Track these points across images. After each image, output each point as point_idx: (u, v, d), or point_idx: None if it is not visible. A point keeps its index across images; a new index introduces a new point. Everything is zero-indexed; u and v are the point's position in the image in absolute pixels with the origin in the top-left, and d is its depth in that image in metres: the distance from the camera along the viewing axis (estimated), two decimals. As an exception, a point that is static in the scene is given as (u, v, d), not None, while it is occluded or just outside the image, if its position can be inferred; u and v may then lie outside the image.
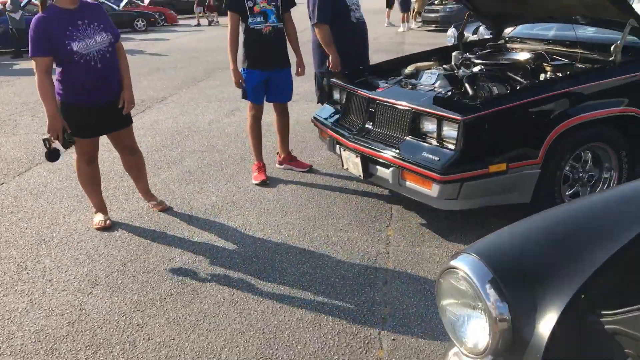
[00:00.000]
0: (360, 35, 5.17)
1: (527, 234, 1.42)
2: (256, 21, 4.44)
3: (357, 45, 5.22)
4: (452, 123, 3.30)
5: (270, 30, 4.48)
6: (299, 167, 5.01)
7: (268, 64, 4.57)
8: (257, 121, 4.79)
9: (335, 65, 4.94)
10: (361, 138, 3.85)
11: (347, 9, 5.00)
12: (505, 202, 3.49)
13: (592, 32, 4.32)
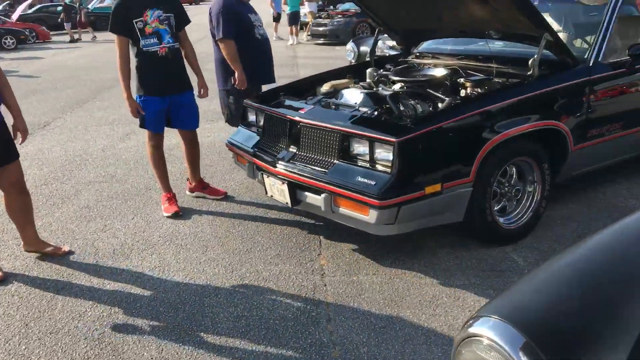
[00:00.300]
0: (265, 52, 5.05)
1: (554, 288, 1.26)
2: (149, 43, 4.06)
3: (262, 62, 5.08)
4: (385, 145, 3.16)
5: (167, 52, 4.12)
6: (213, 195, 4.67)
7: (167, 89, 4.21)
8: (158, 150, 4.42)
9: (241, 82, 4.77)
10: (286, 163, 3.62)
11: (252, 25, 4.88)
12: (439, 222, 3.41)
13: (501, 46, 4.40)
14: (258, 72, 4.99)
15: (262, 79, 5.09)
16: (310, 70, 11.77)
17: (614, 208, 4.08)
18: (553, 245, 3.60)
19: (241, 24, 4.78)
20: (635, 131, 4.11)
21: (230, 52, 4.71)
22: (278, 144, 3.83)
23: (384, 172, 3.16)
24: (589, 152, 3.88)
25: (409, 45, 4.93)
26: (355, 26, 16.13)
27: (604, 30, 3.90)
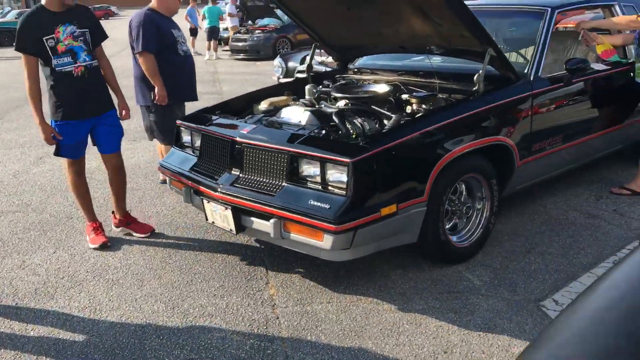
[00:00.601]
0: (188, 69, 4.86)
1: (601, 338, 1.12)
2: (63, 62, 3.66)
3: (185, 79, 4.88)
4: (339, 166, 2.99)
5: (83, 71, 3.72)
6: (139, 232, 4.17)
7: (87, 111, 3.82)
8: (80, 177, 4.03)
9: (161, 97, 4.57)
10: (229, 187, 3.37)
11: (175, 40, 4.69)
12: (394, 244, 3.27)
13: (439, 61, 4.37)
14: (180, 90, 4.80)
15: (185, 96, 4.90)
16: (234, 86, 11.52)
17: (556, 221, 4.11)
18: (505, 262, 3.55)
19: (163, 39, 4.62)
20: (575, 143, 4.17)
21: (150, 66, 4.52)
22: (218, 167, 3.57)
23: (338, 195, 2.99)
24: (533, 166, 3.89)
25: (346, 61, 4.81)
26: (276, 41, 16.00)
27: (541, 45, 3.94)
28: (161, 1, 4.78)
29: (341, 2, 3.89)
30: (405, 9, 3.61)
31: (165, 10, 4.80)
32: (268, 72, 13.36)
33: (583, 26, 4.33)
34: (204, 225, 4.28)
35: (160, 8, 4.77)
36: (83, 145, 3.93)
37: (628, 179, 4.80)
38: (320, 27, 4.44)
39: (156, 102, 4.62)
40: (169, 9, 4.83)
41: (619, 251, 3.61)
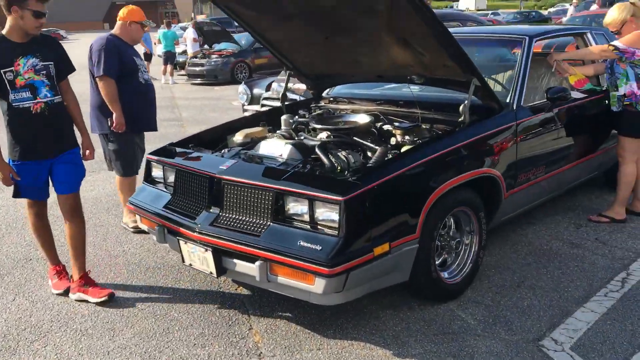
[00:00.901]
0: (149, 98, 4.71)
1: None
2: (21, 98, 3.31)
3: (146, 108, 4.74)
4: (330, 204, 2.82)
5: (43, 108, 3.36)
6: (95, 296, 3.56)
7: (46, 151, 3.47)
8: (41, 219, 3.68)
9: (119, 125, 4.40)
10: (209, 227, 3.15)
11: (136, 68, 4.56)
12: (386, 284, 3.12)
13: (417, 90, 4.27)
14: (140, 119, 4.64)
15: (144, 126, 4.73)
16: (193, 111, 11.27)
17: (541, 251, 4.04)
18: (496, 298, 3.44)
19: (125, 65, 4.49)
20: (557, 172, 4.14)
21: (110, 91, 4.37)
22: (195, 205, 3.35)
23: (329, 235, 2.82)
24: (519, 196, 3.83)
25: (320, 90, 4.67)
26: (234, 66, 15.81)
27: (522, 74, 3.90)
28: (124, 29, 4.67)
29: (320, 31, 3.76)
30: (387, 38, 3.51)
31: (128, 38, 4.69)
32: (227, 97, 13.19)
33: (556, 58, 4.33)
34: (176, 265, 4.03)
35: (123, 35, 4.66)
36: (44, 186, 3.57)
37: (602, 206, 4.81)
38: (295, 56, 4.29)
39: (113, 129, 4.44)
40: (132, 38, 4.73)
41: (608, 283, 3.56)
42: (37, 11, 3.23)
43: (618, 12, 4.21)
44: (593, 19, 12.08)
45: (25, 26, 3.26)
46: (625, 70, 4.18)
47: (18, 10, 3.20)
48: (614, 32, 4.31)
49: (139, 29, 4.72)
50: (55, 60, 3.43)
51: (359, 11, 3.34)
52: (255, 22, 3.98)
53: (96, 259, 4.20)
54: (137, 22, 4.66)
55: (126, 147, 4.57)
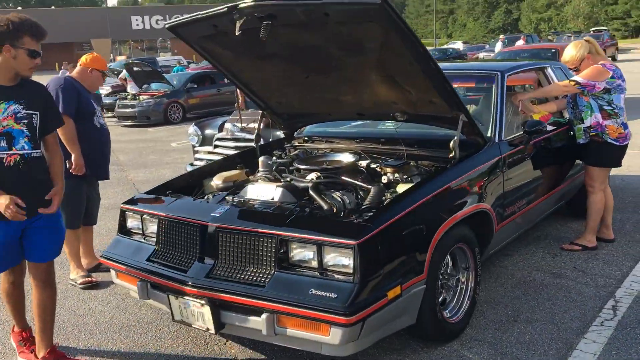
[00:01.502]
0: (104, 142, 4.53)
1: None
2: None
3: (100, 154, 4.52)
4: (341, 249, 2.69)
5: (18, 161, 2.93)
6: None
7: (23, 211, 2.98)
8: (18, 287, 3.26)
9: (78, 167, 4.18)
10: (204, 279, 2.93)
11: (93, 111, 4.40)
12: (396, 329, 3.00)
13: (392, 127, 4.25)
14: (95, 165, 4.41)
15: (95, 172, 4.48)
16: (131, 155, 10.84)
17: (526, 283, 4.05)
18: (497, 334, 3.38)
19: (83, 106, 4.32)
20: (537, 203, 4.21)
21: (69, 131, 4.14)
22: (184, 256, 3.12)
23: (342, 281, 2.68)
24: (506, 229, 3.85)
25: (293, 130, 4.56)
26: (167, 107, 15.45)
27: (499, 108, 3.96)
28: (85, 74, 4.51)
29: (300, 70, 3.68)
30: (374, 76, 3.47)
31: (88, 84, 4.52)
32: (163, 138, 12.83)
33: (521, 98, 4.40)
34: (153, 322, 3.74)
35: (82, 80, 4.49)
36: (14, 250, 3.06)
37: (569, 233, 4.93)
38: (270, 96, 4.18)
39: (72, 171, 4.17)
40: (91, 84, 4.56)
41: (600, 312, 3.59)
42: (33, 50, 2.90)
43: (576, 50, 4.38)
44: (518, 54, 12.73)
45: (18, 67, 2.90)
46: (588, 102, 4.33)
47: (11, 49, 2.85)
48: (573, 69, 4.48)
49: (100, 77, 4.61)
50: (42, 111, 3.04)
51: (347, 49, 3.28)
52: (231, 62, 3.85)
53: (60, 321, 3.83)
54: (98, 70, 4.53)
55: (72, 195, 4.18)
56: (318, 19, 2.99)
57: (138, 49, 62.63)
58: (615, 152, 4.39)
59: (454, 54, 34.69)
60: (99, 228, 5.87)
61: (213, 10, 3.22)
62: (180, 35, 3.63)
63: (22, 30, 2.87)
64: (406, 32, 2.90)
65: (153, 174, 8.89)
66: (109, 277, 4.35)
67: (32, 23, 2.92)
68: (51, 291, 3.23)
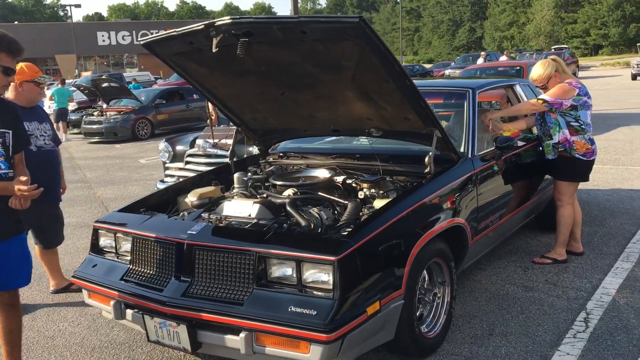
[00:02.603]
0: (42, 167, 4.09)
1: None
2: None
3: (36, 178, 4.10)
4: (321, 265, 2.69)
5: None
6: None
7: None
8: None
9: None
10: (180, 298, 2.89)
11: None
12: (374, 345, 2.99)
13: (366, 142, 4.28)
14: None
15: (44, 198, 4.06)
16: (99, 172, 10.66)
17: (499, 297, 4.10)
18: (473, 349, 3.41)
19: None
20: (511, 216, 4.28)
21: None
22: (159, 275, 3.07)
23: (321, 297, 2.67)
24: (479, 244, 3.89)
25: (268, 146, 4.55)
26: (135, 123, 15.26)
27: (471, 124, 4.03)
28: (16, 92, 4.17)
29: (276, 87, 3.68)
30: (349, 93, 3.49)
31: (23, 100, 4.17)
32: (131, 155, 12.67)
33: (490, 117, 4.47)
34: (126, 342, 3.66)
35: (17, 99, 4.10)
36: None
37: (540, 247, 5.02)
38: (244, 112, 4.17)
39: None
40: (27, 99, 4.22)
41: (573, 324, 3.65)
42: (8, 67, 2.83)
43: (543, 68, 4.48)
44: (484, 71, 13.01)
45: None
46: (556, 119, 4.44)
47: None
48: (540, 87, 4.58)
49: (33, 88, 4.23)
50: (13, 130, 2.94)
51: (323, 66, 3.30)
52: (206, 78, 3.83)
53: (29, 343, 3.72)
54: (29, 81, 4.18)
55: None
56: (295, 37, 3.00)
57: (104, 64, 61.93)
58: (583, 166, 4.50)
59: (420, 70, 35.28)
60: (67, 247, 5.75)
61: (189, 28, 3.20)
62: (155, 51, 3.60)
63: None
64: (382, 49, 2.94)
65: (122, 191, 8.75)
66: (79, 298, 4.28)
67: (10, 39, 2.83)
68: (16, 313, 3.12)
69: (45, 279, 4.82)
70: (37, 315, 4.19)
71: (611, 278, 4.32)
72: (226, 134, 6.50)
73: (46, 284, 4.74)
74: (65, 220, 4.76)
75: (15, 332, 3.11)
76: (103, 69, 56.25)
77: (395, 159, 3.89)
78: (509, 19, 64.63)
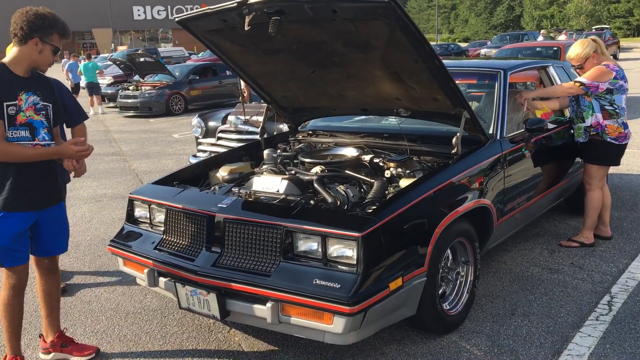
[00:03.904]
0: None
1: None
2: (19, 136, 2.90)
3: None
4: (346, 240, 2.77)
5: None
6: (79, 355, 3.28)
7: (36, 201, 3.01)
8: (18, 295, 3.07)
9: None
10: (210, 268, 3.01)
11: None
12: (397, 320, 3.08)
13: (395, 122, 4.32)
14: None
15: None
16: (134, 145, 10.90)
17: (523, 278, 4.13)
18: (495, 327, 3.46)
19: None
20: (536, 200, 4.28)
21: None
22: (191, 245, 3.20)
23: (345, 272, 2.76)
24: (505, 225, 3.91)
25: (297, 123, 4.63)
26: (169, 98, 15.48)
27: (502, 106, 4.02)
28: None
29: (307, 65, 3.74)
30: (378, 72, 3.52)
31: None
32: (165, 129, 12.88)
33: (526, 96, 4.46)
34: (159, 309, 3.83)
35: None
36: (26, 244, 3.03)
37: (567, 230, 5.01)
38: (276, 89, 4.24)
39: None
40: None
41: (596, 307, 3.67)
42: (58, 47, 2.99)
43: (581, 48, 4.43)
44: (520, 52, 12.81)
45: (41, 61, 2.96)
46: (590, 102, 4.40)
47: (39, 42, 2.90)
48: (577, 67, 4.53)
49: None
50: (53, 103, 3.08)
51: (353, 45, 3.34)
52: (239, 56, 3.91)
53: (67, 306, 3.91)
54: None
55: None
56: (326, 16, 3.05)
57: (139, 39, 62.61)
58: (614, 151, 4.46)
59: (455, 49, 34.79)
60: (103, 217, 5.97)
61: (222, 5, 3.27)
62: (189, 28, 3.69)
63: (54, 27, 2.94)
64: (412, 30, 2.97)
65: (156, 164, 8.95)
66: (114, 267, 4.47)
67: (63, 22, 2.99)
68: (56, 277, 3.29)
69: (83, 246, 5.02)
70: (74, 281, 4.39)
71: (638, 263, 4.31)
72: (257, 111, 6.58)
73: (83, 251, 4.94)
74: (102, 191, 4.96)
75: (55, 296, 3.28)
76: (138, 44, 56.93)
77: (423, 139, 3.93)
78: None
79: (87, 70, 16.48)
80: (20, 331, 3.14)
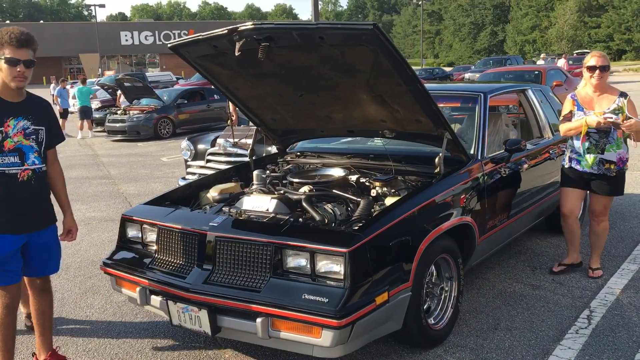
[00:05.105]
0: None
1: None
2: (7, 162, 2.98)
3: None
4: (333, 256, 2.87)
5: (30, 176, 3.06)
6: None
7: (26, 225, 3.09)
8: (11, 313, 3.10)
9: None
10: (201, 285, 3.10)
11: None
12: (383, 334, 3.17)
13: (380, 143, 4.45)
14: None
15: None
16: (122, 169, 10.96)
17: (506, 294, 4.25)
18: (478, 341, 3.56)
19: None
20: (519, 216, 4.42)
21: None
22: (184, 263, 3.28)
23: (333, 287, 2.86)
24: (487, 242, 4.04)
25: (286, 145, 4.76)
26: (157, 122, 15.58)
27: (482, 127, 4.18)
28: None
29: (295, 89, 3.88)
30: (364, 95, 3.67)
31: None
32: (153, 153, 12.96)
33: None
34: (148, 328, 3.88)
35: None
36: (16, 264, 3.09)
37: (549, 248, 5.16)
38: (264, 113, 4.37)
39: None
40: None
41: (576, 321, 3.79)
42: (10, 58, 2.90)
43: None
44: (502, 76, 13.12)
45: (5, 78, 2.94)
46: (620, 138, 4.25)
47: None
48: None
49: None
50: (47, 126, 3.16)
51: (340, 70, 3.49)
52: (229, 80, 4.04)
53: (59, 326, 3.95)
54: None
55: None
56: (313, 42, 3.20)
57: (126, 64, 62.83)
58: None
59: (440, 74, 35.31)
60: (93, 240, 6.02)
61: (213, 32, 3.41)
62: (181, 54, 3.82)
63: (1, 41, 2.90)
64: (395, 55, 3.12)
65: (144, 187, 9.02)
66: (105, 287, 4.52)
67: (10, 31, 2.93)
68: (48, 297, 3.35)
69: (73, 268, 5.08)
70: (65, 301, 4.43)
71: (616, 279, 4.45)
72: (246, 134, 6.71)
73: (73, 273, 4.99)
74: (91, 214, 5.02)
75: (47, 315, 3.34)
76: (126, 69, 57.15)
77: (407, 160, 4.06)
78: (531, 22, 64.32)
79: (81, 95, 16.64)
80: (13, 350, 3.18)
